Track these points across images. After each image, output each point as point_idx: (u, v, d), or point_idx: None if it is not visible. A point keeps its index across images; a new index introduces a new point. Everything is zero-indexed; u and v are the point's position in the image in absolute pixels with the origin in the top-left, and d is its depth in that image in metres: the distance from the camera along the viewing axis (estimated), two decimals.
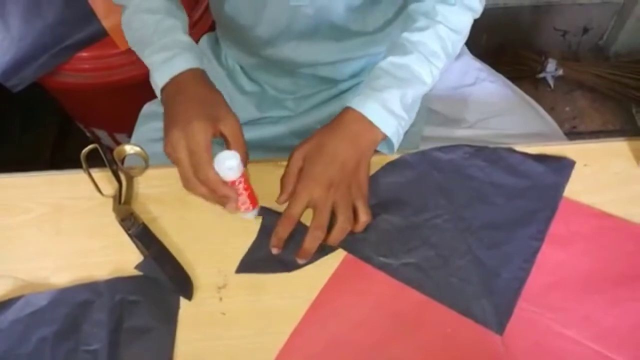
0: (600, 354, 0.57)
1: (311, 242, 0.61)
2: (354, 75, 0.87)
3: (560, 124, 1.65)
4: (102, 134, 1.37)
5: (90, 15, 1.07)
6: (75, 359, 0.58)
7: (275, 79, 0.88)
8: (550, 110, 1.68)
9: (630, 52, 1.75)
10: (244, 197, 0.63)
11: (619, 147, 0.71)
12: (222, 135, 0.63)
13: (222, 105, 0.65)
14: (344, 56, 0.82)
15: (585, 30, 1.74)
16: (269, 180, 0.68)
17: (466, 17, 0.72)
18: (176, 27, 0.69)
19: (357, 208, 0.63)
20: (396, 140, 0.67)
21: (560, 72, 1.69)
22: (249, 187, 0.63)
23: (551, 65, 1.68)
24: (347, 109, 0.66)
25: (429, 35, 0.69)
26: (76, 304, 0.62)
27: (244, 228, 0.66)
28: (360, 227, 0.63)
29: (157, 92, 0.68)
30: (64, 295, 0.62)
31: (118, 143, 1.25)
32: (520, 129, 0.85)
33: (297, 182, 0.63)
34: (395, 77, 0.67)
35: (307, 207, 0.62)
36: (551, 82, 1.71)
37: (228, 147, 0.63)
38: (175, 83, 0.66)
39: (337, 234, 0.62)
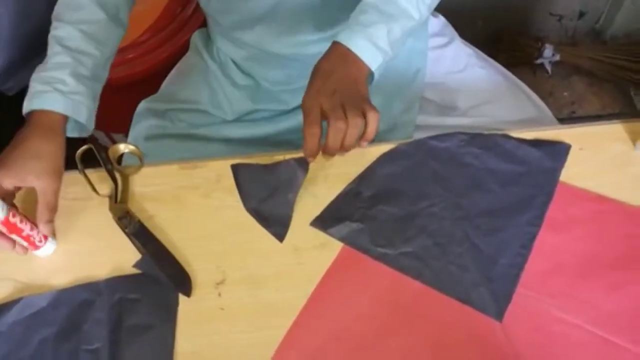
0: (600, 338, 0.56)
1: (334, 136, 0.62)
2: None
3: (559, 109, 1.65)
4: (99, 134, 1.37)
5: None
6: (76, 359, 0.58)
7: (267, 71, 0.88)
8: (549, 95, 1.67)
9: (627, 35, 1.74)
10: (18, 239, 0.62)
11: (615, 129, 0.71)
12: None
13: (49, 161, 0.64)
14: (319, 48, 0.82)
15: (581, 14, 1.73)
16: None
17: None
18: (67, 65, 0.68)
19: (365, 111, 0.63)
20: (378, 75, 0.69)
21: (558, 57, 1.68)
22: (19, 230, 0.61)
23: (548, 51, 1.67)
24: (336, 44, 0.67)
25: None
26: (76, 304, 0.62)
27: (241, 224, 0.66)
28: (372, 124, 0.63)
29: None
30: (63, 296, 0.62)
31: (115, 143, 1.25)
32: (513, 115, 0.84)
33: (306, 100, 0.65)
34: (382, 12, 0.67)
35: (321, 117, 0.64)
36: (549, 68, 1.70)
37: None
38: (30, 118, 0.66)
39: (352, 131, 0.62)
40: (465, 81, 0.89)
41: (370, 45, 0.66)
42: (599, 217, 0.64)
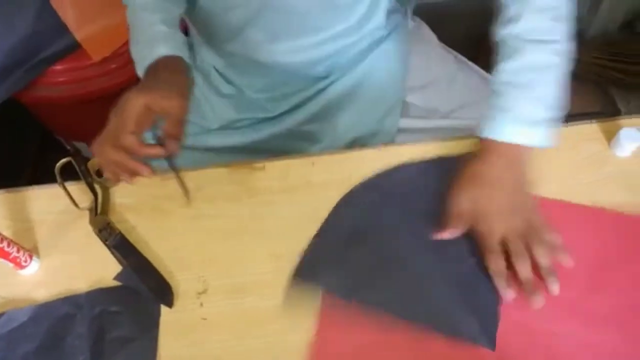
0: (586, 338, 0.57)
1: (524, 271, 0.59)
2: (330, 73, 0.88)
3: None
4: (82, 146, 1.37)
5: (61, 28, 1.07)
6: None
7: (251, 79, 0.89)
8: None
9: (606, 35, 1.76)
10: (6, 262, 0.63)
11: (591, 129, 0.72)
12: (165, 113, 0.63)
13: (175, 86, 0.64)
14: (316, 53, 0.82)
15: None
16: (246, 181, 0.70)
17: None
18: (155, 21, 0.70)
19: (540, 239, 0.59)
20: (548, 140, 0.64)
21: None
22: (7, 253, 0.62)
23: None
24: (486, 141, 0.63)
25: (527, 18, 0.63)
26: (57, 318, 0.62)
27: (222, 232, 0.66)
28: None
29: None
30: (45, 310, 0.62)
31: None
32: None
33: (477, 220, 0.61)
34: (518, 85, 0.63)
35: (502, 239, 0.60)
36: None
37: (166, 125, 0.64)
38: (147, 72, 0.67)
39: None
40: (446, 85, 0.90)
41: (523, 126, 0.62)
42: (573, 224, 0.64)
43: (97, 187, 0.69)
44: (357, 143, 0.86)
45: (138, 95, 0.61)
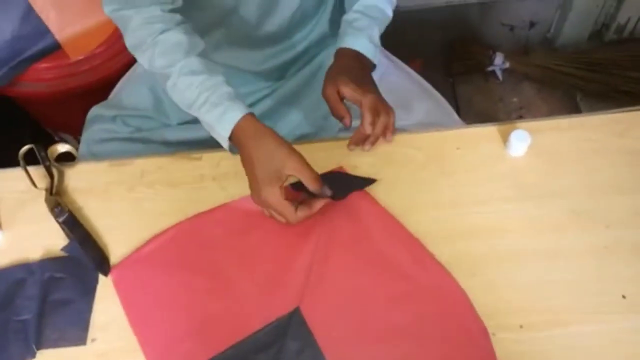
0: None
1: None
2: (282, 77, 0.97)
3: (508, 114, 1.75)
4: (68, 137, 1.48)
5: (44, 30, 1.18)
6: (7, 328, 0.68)
7: None
8: (499, 100, 1.77)
9: (576, 44, 1.83)
10: None
11: (489, 131, 0.80)
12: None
13: (279, 152, 0.71)
14: (276, 62, 0.92)
15: (532, 25, 1.83)
16: (184, 169, 0.81)
17: None
18: (219, 82, 0.75)
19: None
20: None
21: (507, 64, 1.77)
22: None
23: (499, 59, 1.77)
24: (343, 49, 0.81)
25: None
26: (12, 282, 0.72)
27: (159, 213, 0.76)
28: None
29: (224, 143, 0.75)
30: (2, 274, 0.72)
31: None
32: (425, 118, 0.94)
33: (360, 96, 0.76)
34: (369, 16, 0.84)
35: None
36: (500, 75, 1.80)
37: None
38: (237, 132, 0.72)
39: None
40: (381, 88, 0.99)
41: (371, 44, 0.81)
42: None
43: (54, 171, 0.79)
44: (304, 139, 0.95)
45: (273, 188, 0.70)
